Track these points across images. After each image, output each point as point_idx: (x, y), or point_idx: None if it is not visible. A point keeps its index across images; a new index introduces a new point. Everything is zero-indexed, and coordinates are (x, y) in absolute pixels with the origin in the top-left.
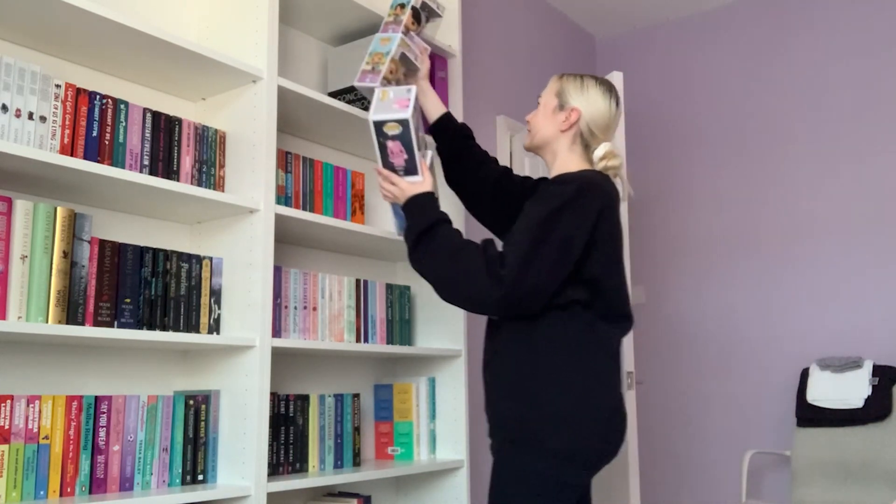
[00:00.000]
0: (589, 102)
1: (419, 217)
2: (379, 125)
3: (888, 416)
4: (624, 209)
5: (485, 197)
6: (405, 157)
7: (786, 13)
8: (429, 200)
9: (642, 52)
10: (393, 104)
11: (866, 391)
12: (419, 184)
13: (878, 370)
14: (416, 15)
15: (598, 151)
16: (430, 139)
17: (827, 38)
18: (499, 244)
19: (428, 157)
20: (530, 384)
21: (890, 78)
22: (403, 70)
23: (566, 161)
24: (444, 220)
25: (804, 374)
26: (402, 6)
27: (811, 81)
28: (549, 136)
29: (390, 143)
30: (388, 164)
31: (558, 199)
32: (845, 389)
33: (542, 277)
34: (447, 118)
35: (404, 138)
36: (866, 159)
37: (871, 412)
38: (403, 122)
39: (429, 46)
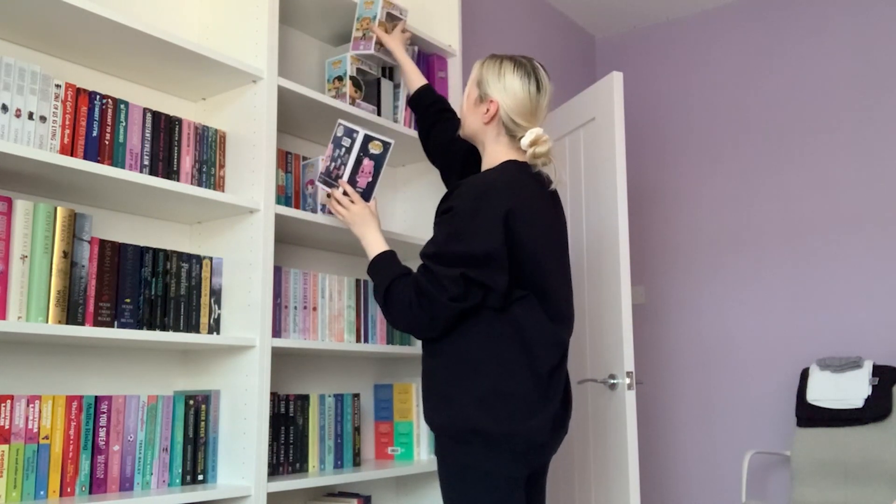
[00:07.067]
0: (507, 92)
1: (385, 272)
2: (368, 139)
3: (888, 416)
4: (565, 196)
5: (454, 168)
6: (369, 179)
7: (785, 13)
8: (391, 258)
9: (642, 52)
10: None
11: (866, 391)
12: (370, 219)
13: (878, 370)
14: None
15: (526, 139)
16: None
17: (826, 37)
18: None
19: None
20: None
21: (888, 77)
22: (392, 25)
23: (493, 153)
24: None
25: (804, 374)
26: None
27: (810, 81)
28: (476, 128)
29: (366, 161)
30: (352, 181)
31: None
32: (845, 389)
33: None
34: (426, 90)
35: (379, 161)
36: (866, 158)
37: (870, 412)
38: (387, 146)
39: (406, 8)
